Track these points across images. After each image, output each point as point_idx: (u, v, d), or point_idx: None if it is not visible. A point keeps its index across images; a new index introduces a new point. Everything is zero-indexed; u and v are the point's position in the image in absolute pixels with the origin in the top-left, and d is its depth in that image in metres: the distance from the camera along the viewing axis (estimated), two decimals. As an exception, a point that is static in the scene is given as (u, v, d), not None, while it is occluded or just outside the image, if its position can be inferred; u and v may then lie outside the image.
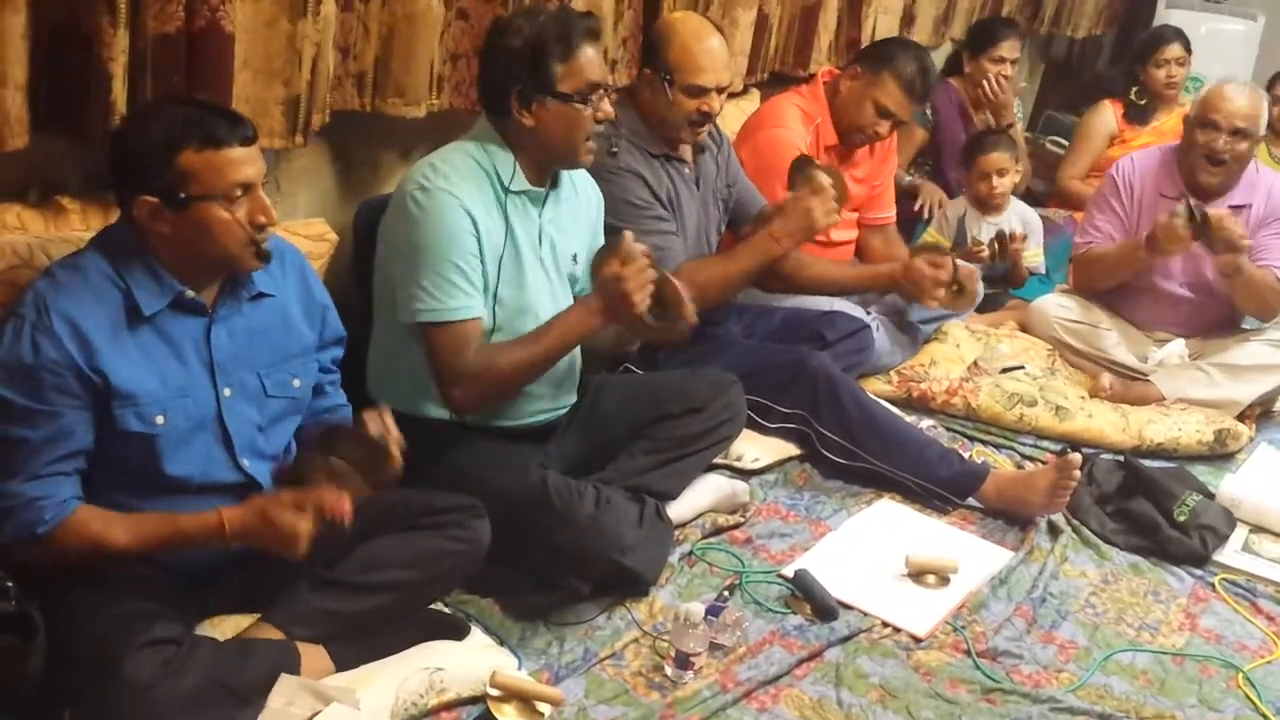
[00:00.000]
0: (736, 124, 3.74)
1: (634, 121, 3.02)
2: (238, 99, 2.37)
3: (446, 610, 2.35)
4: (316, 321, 2.20)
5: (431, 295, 2.39)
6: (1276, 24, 6.27)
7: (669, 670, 2.33)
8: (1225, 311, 3.81)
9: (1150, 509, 3.04)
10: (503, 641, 2.34)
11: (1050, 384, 3.62)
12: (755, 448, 3.10)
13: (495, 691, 2.14)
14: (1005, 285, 4.17)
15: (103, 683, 1.84)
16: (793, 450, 3.16)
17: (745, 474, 3.04)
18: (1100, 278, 3.84)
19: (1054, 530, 3.01)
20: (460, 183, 2.42)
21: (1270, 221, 3.67)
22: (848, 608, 2.60)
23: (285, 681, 1.98)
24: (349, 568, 2.13)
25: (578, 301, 2.54)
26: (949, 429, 3.48)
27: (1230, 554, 3.00)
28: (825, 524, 2.94)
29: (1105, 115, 5.08)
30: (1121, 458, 3.26)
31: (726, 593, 2.59)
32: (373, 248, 2.55)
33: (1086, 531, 3.03)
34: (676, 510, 2.77)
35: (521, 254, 2.50)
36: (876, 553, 2.80)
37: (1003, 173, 4.11)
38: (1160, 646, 2.63)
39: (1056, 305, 3.91)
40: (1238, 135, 3.60)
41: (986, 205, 4.15)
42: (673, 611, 2.48)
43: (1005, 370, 3.65)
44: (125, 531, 1.94)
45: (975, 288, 3.58)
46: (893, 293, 3.56)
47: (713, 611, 2.44)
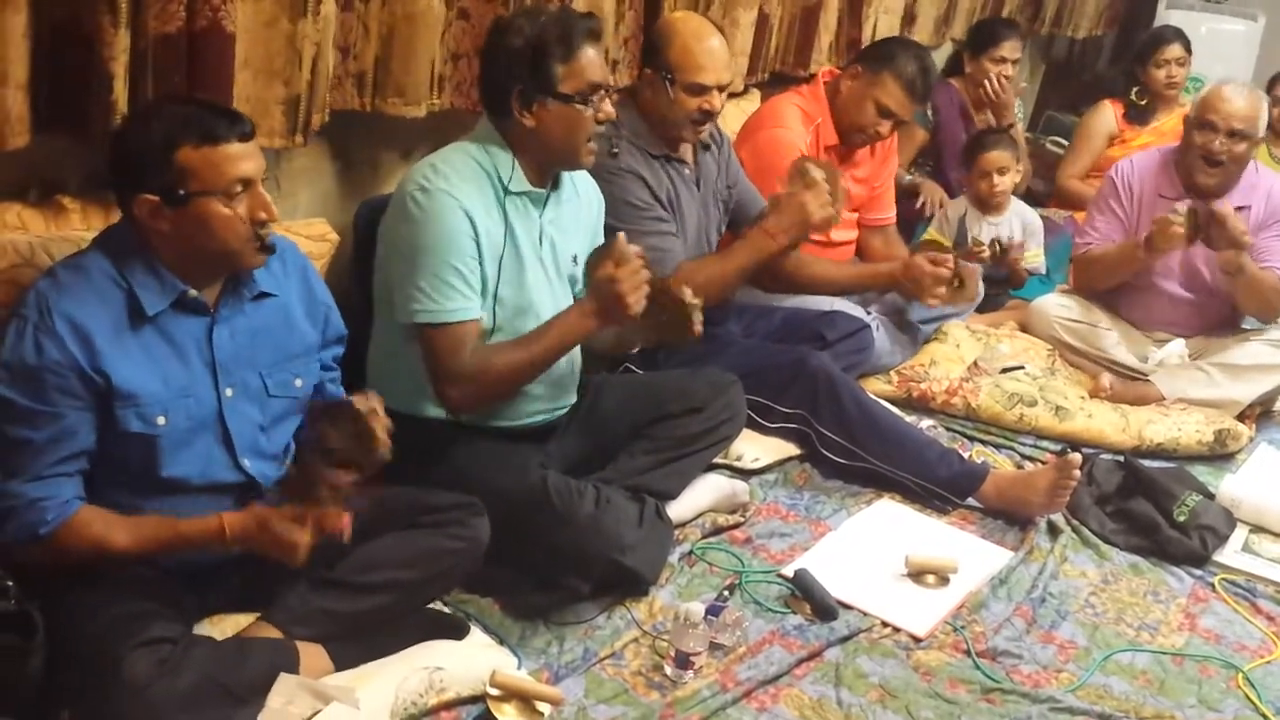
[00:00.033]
0: (737, 124, 3.73)
1: (635, 122, 3.02)
2: (238, 99, 2.37)
3: (446, 610, 2.36)
4: (319, 321, 2.20)
5: (429, 296, 2.39)
6: (1277, 24, 6.27)
7: (669, 670, 2.33)
8: (1225, 311, 3.81)
9: (1150, 509, 3.04)
10: (502, 641, 2.34)
11: (1050, 384, 3.62)
12: (755, 447, 3.10)
13: (495, 691, 2.14)
14: (1005, 285, 4.18)
15: (101, 682, 1.84)
16: (793, 450, 3.16)
17: (745, 474, 3.05)
18: (1100, 278, 3.85)
19: (1054, 530, 3.01)
20: (460, 184, 2.42)
21: (1271, 223, 3.67)
22: (847, 607, 2.60)
23: (284, 681, 1.98)
24: (349, 567, 2.13)
25: (574, 304, 2.54)
26: (949, 429, 3.48)
27: (1230, 554, 3.00)
28: (825, 524, 2.94)
29: (1105, 115, 5.08)
30: (1121, 458, 3.27)
31: (726, 592, 2.59)
32: (373, 248, 2.55)
33: (1086, 531, 3.03)
34: (676, 510, 2.77)
35: (522, 254, 2.50)
36: (876, 553, 2.80)
37: (1003, 171, 4.11)
38: (1160, 646, 2.63)
39: (1056, 305, 3.92)
40: (1235, 137, 3.60)
41: (987, 204, 4.14)
42: (673, 611, 2.48)
43: (1005, 370, 3.65)
44: (126, 533, 1.94)
45: (975, 283, 3.58)
46: (893, 291, 3.56)
47: (713, 611, 2.44)
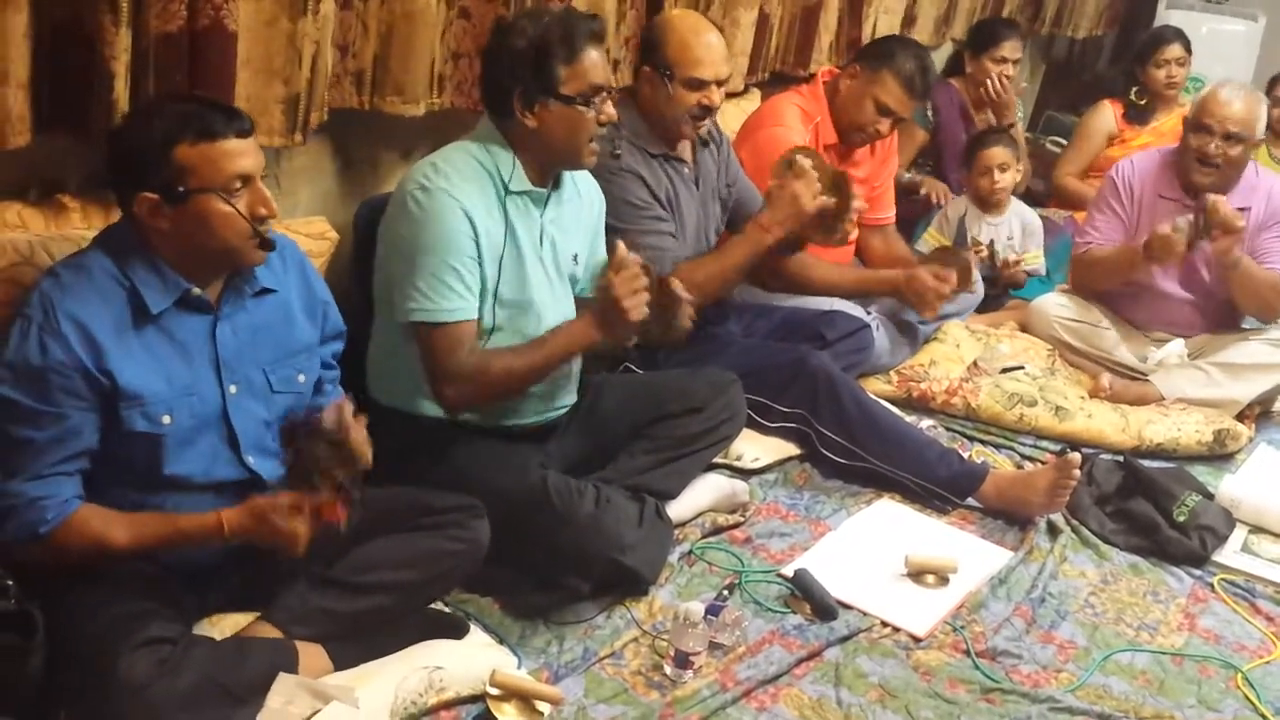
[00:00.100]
0: (736, 124, 3.73)
1: (634, 121, 3.02)
2: (238, 98, 2.36)
3: (446, 609, 2.35)
4: (318, 316, 2.21)
5: (426, 296, 2.39)
6: (1277, 25, 6.27)
7: (668, 669, 2.33)
8: (1225, 311, 3.81)
9: (1150, 509, 3.04)
10: (502, 640, 2.34)
11: (1050, 384, 3.62)
12: (755, 447, 3.10)
13: (495, 690, 2.14)
14: (1005, 286, 4.18)
15: (100, 682, 1.84)
16: (792, 450, 3.16)
17: (745, 473, 3.04)
18: (1100, 279, 3.85)
19: (1053, 530, 3.01)
20: (461, 183, 2.42)
21: (1271, 224, 3.67)
22: (847, 607, 2.60)
23: (284, 680, 1.97)
24: (348, 567, 2.13)
25: (579, 314, 2.54)
26: (949, 429, 3.48)
27: (1229, 554, 3.00)
28: (825, 524, 2.94)
29: (1104, 115, 5.08)
30: (1121, 458, 3.27)
31: (726, 592, 2.59)
32: (373, 246, 2.55)
33: (1086, 531, 3.03)
34: (676, 510, 2.77)
35: (523, 254, 2.50)
36: (876, 552, 2.80)
37: (1004, 168, 4.11)
38: (1159, 647, 2.63)
39: (1056, 305, 3.92)
40: (1230, 140, 3.59)
41: (987, 203, 4.14)
42: (672, 611, 2.48)
43: (1005, 370, 3.65)
44: (125, 531, 1.94)
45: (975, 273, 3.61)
46: (893, 297, 3.57)
47: (712, 611, 2.44)
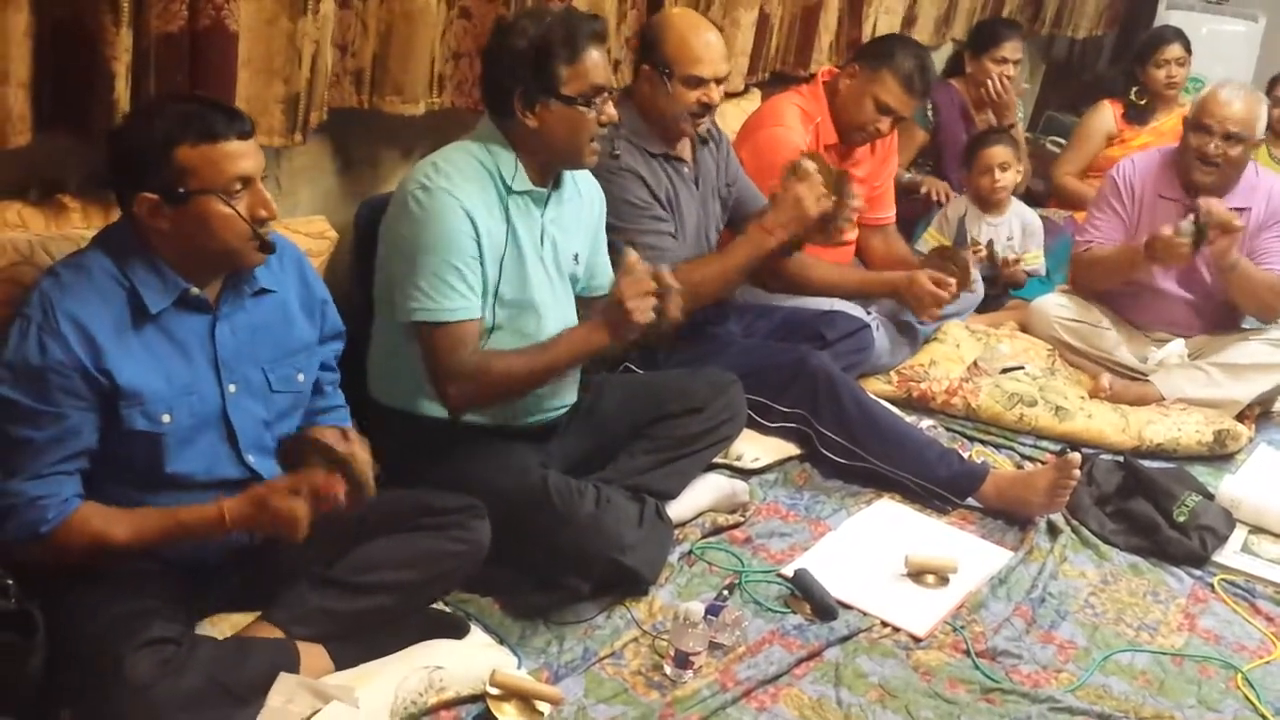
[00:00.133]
0: (737, 124, 3.73)
1: (634, 120, 3.02)
2: (238, 97, 2.36)
3: (446, 609, 2.35)
4: (316, 316, 2.21)
5: (428, 295, 2.39)
6: (1277, 25, 6.27)
7: (668, 669, 2.33)
8: (1225, 311, 3.81)
9: (1150, 509, 3.04)
10: (502, 640, 2.34)
11: (1050, 384, 3.62)
12: (755, 447, 3.10)
13: (495, 690, 2.14)
14: (1005, 286, 4.18)
15: (102, 682, 1.84)
16: (793, 450, 3.16)
17: (745, 473, 3.04)
18: (1100, 279, 3.85)
19: (1053, 530, 3.01)
20: (462, 183, 2.42)
21: (1271, 224, 3.67)
22: (847, 607, 2.60)
23: (284, 680, 1.98)
24: (349, 567, 2.13)
25: (584, 319, 2.54)
26: (949, 429, 3.48)
27: (1229, 555, 3.00)
28: (825, 524, 2.94)
29: (1104, 115, 5.08)
30: (1121, 458, 3.27)
31: (726, 592, 2.59)
32: (373, 246, 2.55)
33: (1086, 532, 3.03)
34: (676, 510, 2.77)
35: (523, 253, 2.50)
36: (876, 552, 2.80)
37: (1004, 167, 4.11)
38: (1159, 647, 2.63)
39: (1056, 305, 3.91)
40: (1230, 140, 3.59)
41: (988, 202, 4.14)
42: (672, 611, 2.48)
43: (1005, 370, 3.65)
44: (126, 527, 1.94)
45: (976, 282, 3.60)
46: (893, 299, 3.57)
47: (712, 611, 2.44)
